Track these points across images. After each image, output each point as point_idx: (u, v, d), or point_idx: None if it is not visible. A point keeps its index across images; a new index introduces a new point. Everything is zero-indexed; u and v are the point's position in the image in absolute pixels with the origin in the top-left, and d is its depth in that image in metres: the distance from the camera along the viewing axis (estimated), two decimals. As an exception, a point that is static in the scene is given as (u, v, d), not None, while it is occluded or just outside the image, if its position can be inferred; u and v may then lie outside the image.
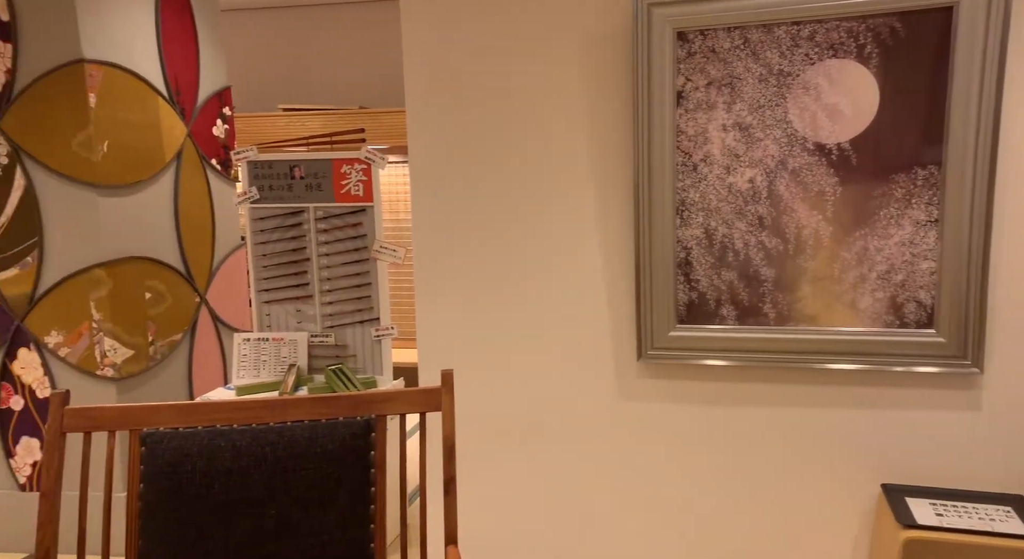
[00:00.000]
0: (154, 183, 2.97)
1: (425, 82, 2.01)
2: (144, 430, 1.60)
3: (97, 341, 2.73)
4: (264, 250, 2.95)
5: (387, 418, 1.67)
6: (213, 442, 1.58)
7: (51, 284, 2.73)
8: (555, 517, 2.07)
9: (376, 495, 1.60)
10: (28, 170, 2.70)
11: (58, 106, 2.66)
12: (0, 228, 2.74)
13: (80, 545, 1.45)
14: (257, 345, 2.94)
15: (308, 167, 2.90)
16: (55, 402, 1.58)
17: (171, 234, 3.07)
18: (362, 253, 2.90)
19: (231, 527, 1.52)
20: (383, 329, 2.92)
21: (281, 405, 1.66)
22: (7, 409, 2.80)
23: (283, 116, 4.54)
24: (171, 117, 3.06)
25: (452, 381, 1.68)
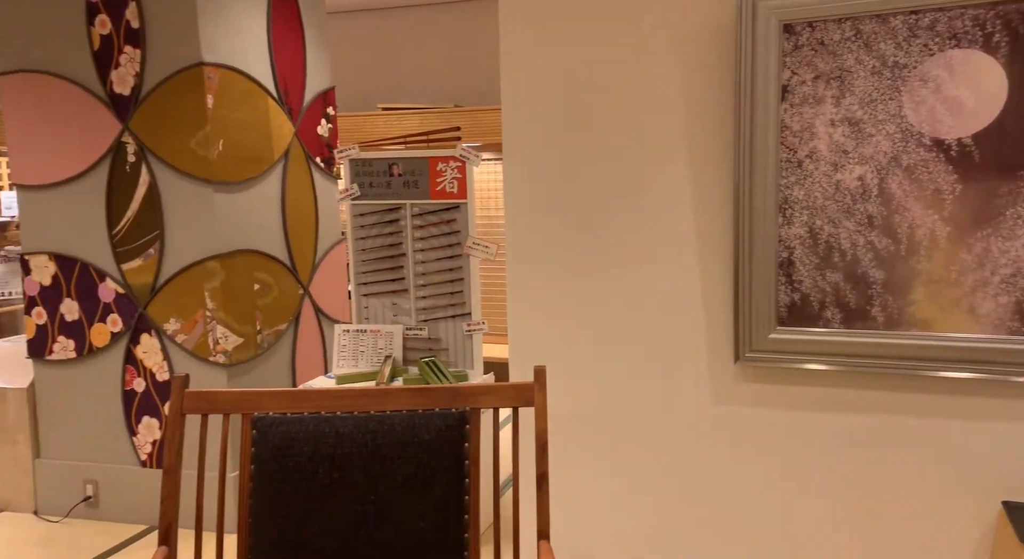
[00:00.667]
0: (263, 180, 3.13)
1: (521, 79, 2.03)
2: (255, 414, 1.70)
3: (210, 329, 2.91)
4: (363, 245, 3.06)
5: (481, 411, 1.70)
6: (318, 428, 1.65)
7: (170, 274, 2.93)
8: (644, 518, 2.06)
9: (470, 486, 1.63)
10: (152, 167, 2.91)
11: (179, 107, 2.84)
12: (127, 222, 2.96)
13: (198, 521, 1.55)
14: (356, 336, 3.05)
15: (406, 165, 2.98)
16: (176, 385, 1.69)
17: (278, 228, 3.23)
18: (455, 249, 2.96)
19: (333, 510, 1.59)
20: (474, 324, 2.97)
21: (381, 394, 1.72)
22: (131, 390, 3.03)
23: (382, 115, 4.68)
24: (280, 117, 3.22)
25: (545, 378, 1.69)
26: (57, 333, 3.06)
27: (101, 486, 3.08)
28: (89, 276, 3.01)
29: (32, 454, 3.13)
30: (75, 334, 3.04)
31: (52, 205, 3.03)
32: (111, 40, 2.88)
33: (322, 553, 1.55)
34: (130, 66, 2.87)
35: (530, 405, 1.68)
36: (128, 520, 3.08)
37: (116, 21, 2.86)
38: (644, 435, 2.03)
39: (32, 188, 3.05)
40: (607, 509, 2.09)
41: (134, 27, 2.85)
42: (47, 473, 3.12)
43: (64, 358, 3.07)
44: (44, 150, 3.00)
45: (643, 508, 2.05)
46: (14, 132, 3.03)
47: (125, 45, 2.86)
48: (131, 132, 2.90)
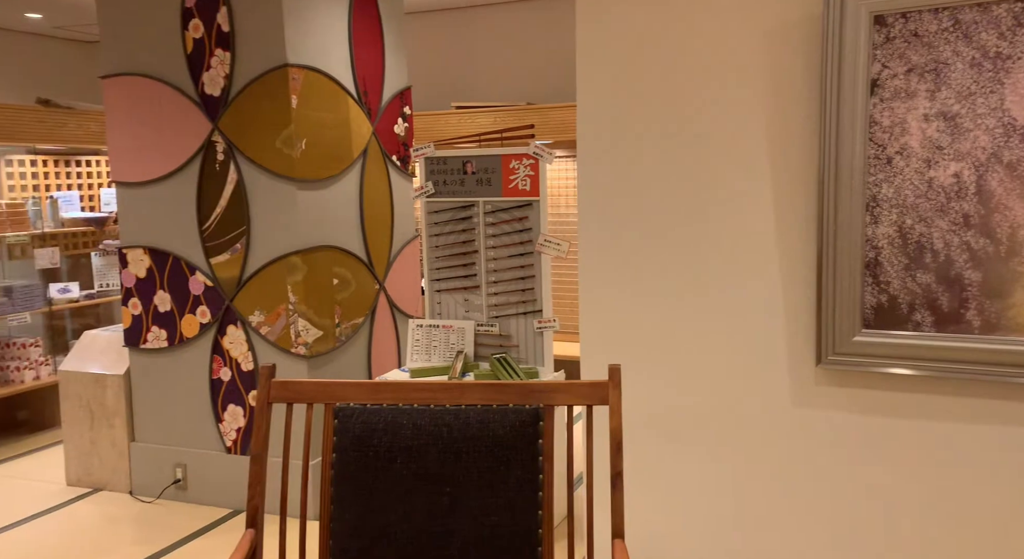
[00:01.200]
0: (343, 178, 3.23)
1: (597, 75, 2.02)
2: (337, 404, 1.75)
3: (292, 322, 3.02)
4: (437, 242, 3.11)
5: (554, 408, 1.71)
6: (396, 419, 1.69)
7: (255, 269, 3.06)
8: (718, 520, 2.02)
9: (544, 483, 1.64)
10: (240, 165, 3.03)
11: (265, 107, 2.96)
12: (216, 217, 3.10)
13: (283, 506, 1.62)
14: (429, 331, 3.10)
15: (479, 162, 3.01)
16: (264, 375, 1.76)
17: (356, 225, 3.32)
18: (527, 246, 2.98)
19: (411, 500, 1.62)
20: (545, 321, 2.98)
21: (456, 389, 1.75)
22: (217, 379, 3.17)
23: (455, 114, 4.74)
24: (359, 116, 3.31)
25: (619, 376, 1.69)
26: (151, 323, 3.24)
27: (189, 470, 3.24)
28: (181, 269, 3.16)
29: (128, 437, 3.32)
30: (167, 324, 3.21)
31: (148, 201, 3.20)
32: (203, 43, 3.02)
33: (400, 542, 1.59)
34: (220, 68, 3.00)
35: (604, 404, 1.68)
36: (214, 503, 3.23)
37: (208, 25, 3.00)
38: (720, 436, 2.00)
39: (130, 185, 3.23)
40: (681, 509, 2.06)
41: (224, 31, 2.98)
42: (141, 456, 3.31)
43: (157, 347, 3.24)
44: (141, 149, 3.18)
45: (717, 510, 2.02)
46: (114, 132, 3.22)
47: (216, 48, 3.00)
48: (220, 132, 3.03)
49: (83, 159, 4.91)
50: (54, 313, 4.51)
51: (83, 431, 3.38)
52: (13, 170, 4.50)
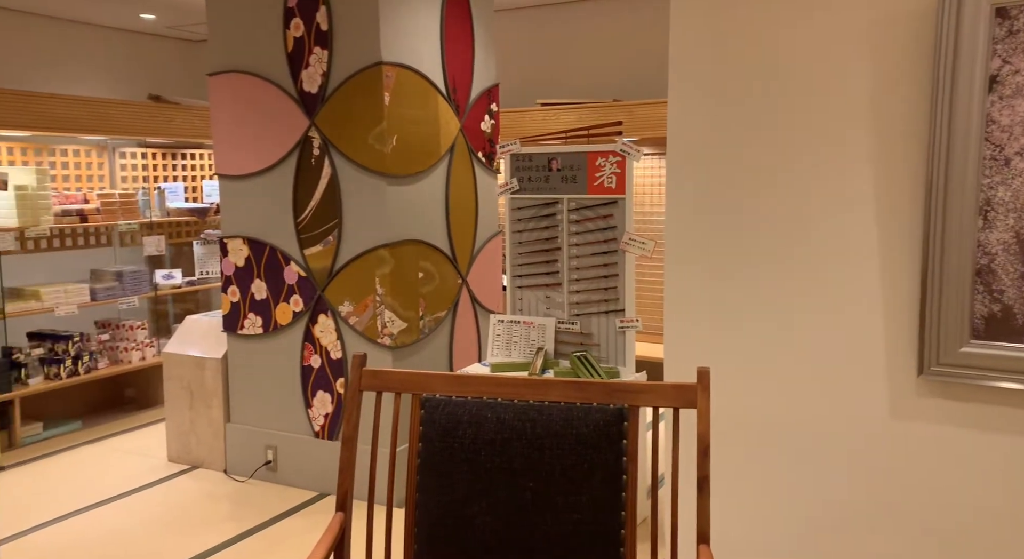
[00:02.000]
0: (430, 174, 3.29)
1: (691, 71, 1.98)
2: (424, 395, 1.79)
3: (379, 313, 3.11)
4: (520, 238, 3.13)
5: (639, 409, 1.69)
6: (480, 413, 1.72)
7: (346, 260, 3.16)
8: (804, 532, 1.96)
9: (628, 483, 1.63)
10: (334, 161, 3.14)
11: (359, 104, 3.05)
12: (310, 210, 3.22)
13: (370, 492, 1.67)
14: (509, 327, 3.13)
15: (565, 159, 3.01)
16: (355, 364, 1.82)
17: (441, 220, 3.38)
18: (611, 244, 2.95)
19: (494, 493, 1.65)
20: (627, 321, 2.95)
21: (540, 385, 1.76)
22: (308, 366, 3.30)
23: (540, 111, 4.75)
24: (448, 113, 3.36)
25: (708, 379, 1.66)
26: (248, 310, 3.40)
27: (280, 452, 3.38)
28: (276, 259, 3.31)
29: (224, 418, 3.50)
30: (263, 312, 3.36)
31: (248, 194, 3.36)
32: (303, 42, 3.14)
33: (484, 533, 1.62)
34: (318, 66, 3.11)
35: (691, 407, 1.65)
36: (302, 485, 3.36)
37: (308, 24, 3.11)
38: (809, 445, 1.93)
39: (231, 178, 3.39)
40: (763, 519, 2.01)
41: (323, 29, 3.08)
42: (235, 436, 3.48)
43: (253, 333, 3.40)
44: (243, 144, 3.33)
45: (803, 522, 1.95)
46: (218, 127, 3.39)
47: (315, 46, 3.11)
48: (317, 128, 3.15)
49: (188, 152, 5.19)
50: (158, 298, 4.80)
51: (183, 411, 3.58)
52: (126, 162, 4.81)
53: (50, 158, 4.38)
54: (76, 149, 4.51)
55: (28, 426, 3.92)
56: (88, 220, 4.18)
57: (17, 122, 3.79)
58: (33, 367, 3.90)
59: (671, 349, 2.13)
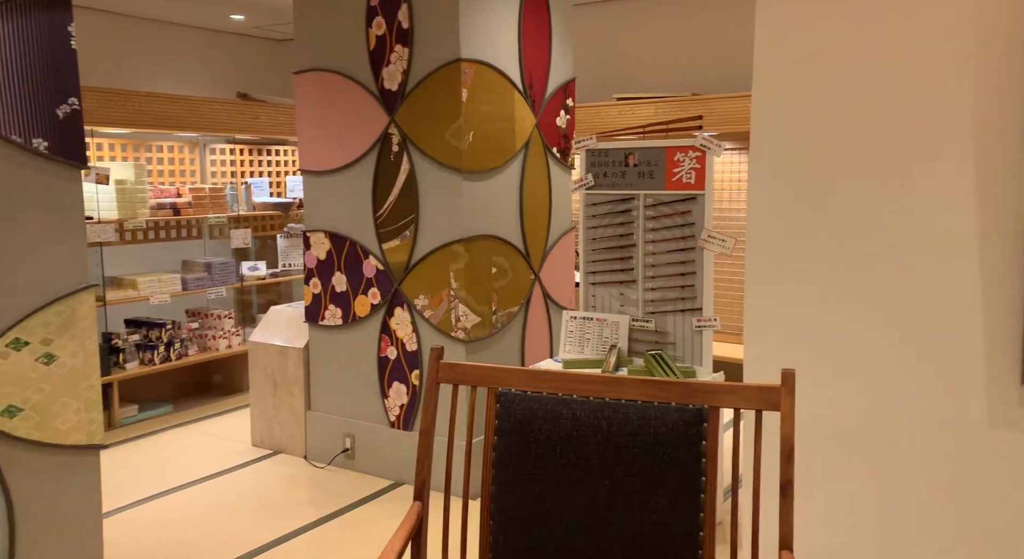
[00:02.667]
0: (505, 169, 3.31)
1: (778, 65, 1.92)
2: (499, 389, 1.80)
3: (453, 307, 3.15)
4: (594, 234, 3.11)
5: (720, 410, 1.66)
6: (556, 409, 1.72)
7: (422, 255, 3.21)
8: (890, 545, 1.87)
9: (706, 485, 1.60)
10: (412, 157, 3.20)
11: (437, 101, 3.09)
12: (389, 206, 3.29)
13: (447, 483, 1.70)
14: (582, 323, 3.12)
15: (642, 155, 2.97)
16: (432, 356, 1.85)
17: (515, 216, 3.39)
18: (688, 242, 2.90)
19: (570, 489, 1.64)
20: (705, 320, 2.90)
21: (617, 383, 1.74)
22: (384, 357, 3.38)
23: (616, 105, 4.71)
24: (523, 109, 3.37)
25: (793, 382, 1.61)
26: (328, 302, 3.50)
27: (357, 440, 3.48)
28: (356, 253, 3.39)
29: (305, 406, 3.62)
30: (342, 304, 3.46)
31: (330, 189, 3.46)
32: (385, 40, 3.20)
33: (559, 529, 1.62)
34: (399, 63, 3.17)
35: (775, 409, 1.61)
36: (377, 473, 3.44)
37: (390, 22, 3.17)
38: (900, 452, 1.85)
39: (315, 174, 3.50)
40: (850, 526, 1.93)
41: (404, 27, 3.14)
42: (315, 424, 3.60)
43: (333, 324, 3.50)
44: (326, 140, 3.43)
45: (890, 533, 1.87)
46: (303, 124, 3.50)
47: (396, 44, 3.17)
48: (396, 124, 3.21)
49: (272, 148, 5.39)
50: (244, 288, 5.01)
51: (267, 397, 3.73)
52: (215, 157, 5.03)
53: (147, 154, 4.62)
54: (170, 145, 4.75)
55: (125, 408, 4.16)
56: (180, 213, 4.39)
57: (120, 120, 4.02)
58: (130, 352, 4.14)
59: (751, 350, 2.07)
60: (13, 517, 1.86)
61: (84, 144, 1.94)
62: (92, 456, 2.00)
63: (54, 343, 1.90)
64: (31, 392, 1.88)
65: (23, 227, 1.85)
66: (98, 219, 4.01)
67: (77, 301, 1.94)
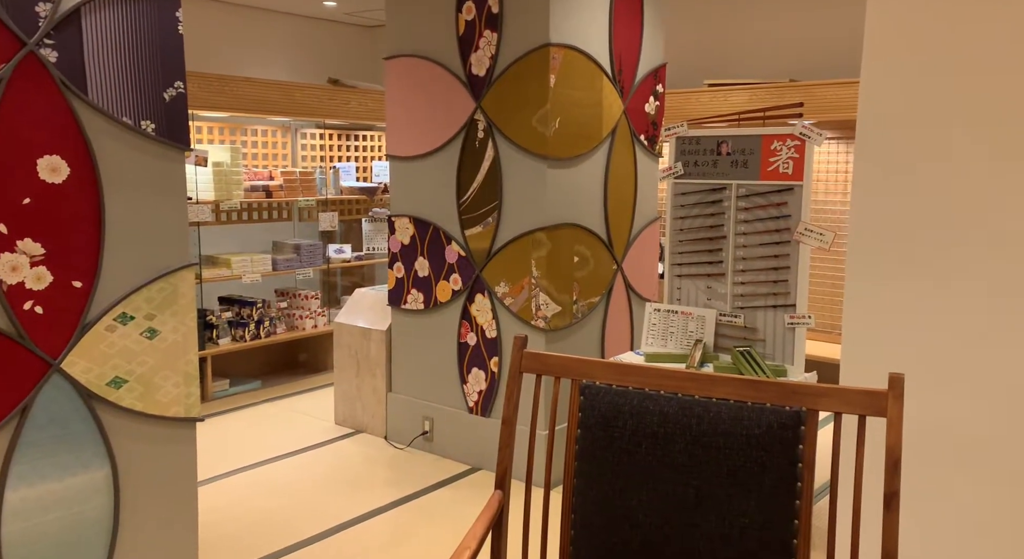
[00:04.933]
0: (591, 157, 3.25)
1: (890, 49, 1.79)
2: (583, 381, 1.77)
3: (534, 295, 3.12)
4: (682, 225, 3.01)
5: (818, 414, 1.57)
6: (642, 404, 1.67)
7: (504, 242, 3.20)
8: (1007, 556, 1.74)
9: (802, 491, 1.52)
10: (497, 143, 3.18)
11: (525, 87, 3.06)
12: (472, 192, 3.29)
13: (528, 473, 1.68)
14: (666, 316, 3.04)
15: (736, 143, 2.85)
16: (516, 345, 1.83)
17: (599, 204, 3.33)
18: (783, 235, 2.77)
19: (654, 487, 1.60)
20: (798, 317, 2.77)
21: (708, 380, 1.68)
22: (464, 343, 3.39)
23: (707, 92, 4.55)
24: (612, 95, 3.29)
25: (902, 387, 1.51)
26: (411, 286, 3.55)
27: (436, 424, 3.52)
28: (439, 239, 3.41)
29: (386, 387, 3.69)
30: (424, 289, 3.49)
31: (415, 174, 3.48)
32: (474, 25, 3.19)
33: (644, 527, 1.57)
34: (487, 49, 3.15)
35: (881, 415, 1.51)
36: (455, 457, 3.48)
37: (480, 7, 3.15)
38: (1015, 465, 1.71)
39: (401, 159, 3.54)
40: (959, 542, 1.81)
41: (494, 12, 3.11)
42: (396, 405, 3.66)
43: (415, 309, 3.54)
44: (413, 126, 3.46)
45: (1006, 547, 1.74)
46: (392, 109, 3.53)
47: (485, 29, 3.15)
48: (482, 110, 3.20)
49: (359, 133, 5.49)
50: (329, 270, 5.14)
51: (350, 377, 3.82)
52: (306, 142, 5.17)
53: (242, 137, 4.80)
54: (264, 129, 4.91)
55: (217, 382, 4.35)
56: (272, 195, 4.54)
57: (218, 104, 4.17)
58: (223, 329, 4.32)
59: (849, 350, 1.96)
60: (117, 482, 1.96)
61: (188, 127, 2.01)
62: (189, 428, 2.09)
63: (157, 318, 1.99)
64: (135, 365, 1.97)
65: (132, 206, 1.93)
66: (196, 200, 4.19)
67: (179, 278, 2.01)
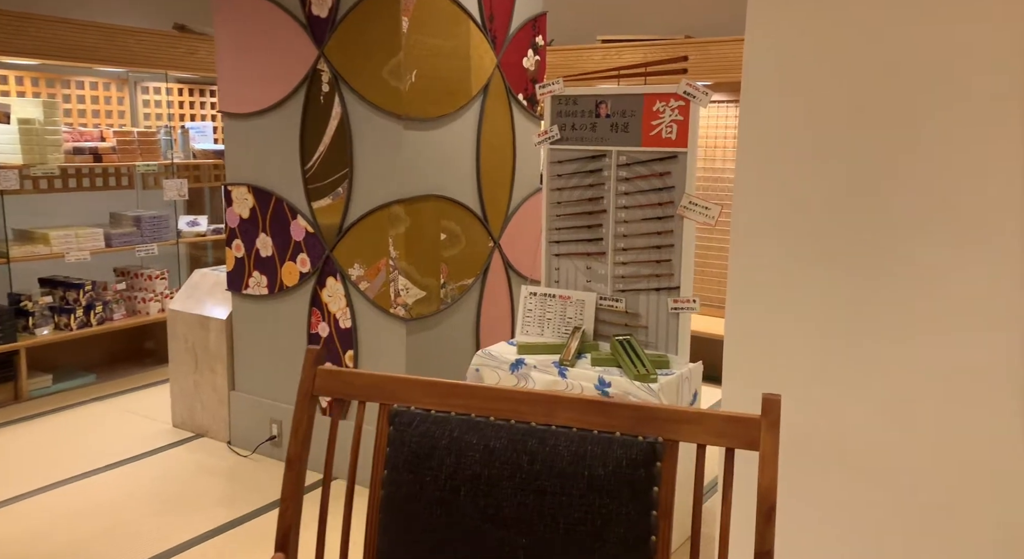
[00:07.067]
0: (458, 117, 2.82)
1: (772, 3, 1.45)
2: (395, 406, 1.38)
3: (392, 278, 2.70)
4: (559, 197, 2.64)
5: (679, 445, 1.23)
6: (464, 437, 1.30)
7: (357, 217, 2.74)
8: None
9: (657, 547, 1.19)
10: (345, 98, 2.70)
11: (373, 31, 2.58)
12: (318, 157, 2.80)
13: (320, 530, 1.28)
14: (543, 301, 2.68)
15: (615, 103, 2.49)
16: (308, 360, 1.41)
17: (470, 173, 2.92)
18: (667, 209, 2.44)
19: (476, 546, 1.23)
20: (683, 301, 2.46)
21: (547, 403, 1.32)
22: (315, 334, 2.94)
23: (600, 48, 4.18)
24: (482, 46, 2.86)
25: (778, 411, 1.18)
26: (253, 268, 3.05)
27: (285, 427, 3.07)
28: (283, 212, 2.92)
29: (228, 385, 3.19)
30: (268, 271, 3.00)
31: (253, 135, 2.96)
32: (311, -42, 2.67)
33: (446, 616, 1.21)
34: (326, -14, 2.65)
35: (752, 448, 1.19)
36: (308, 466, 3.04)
37: (315, -64, 2.64)
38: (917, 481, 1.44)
39: (236, 116, 3.00)
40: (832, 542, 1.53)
41: (333, -58, 2.61)
42: (240, 406, 3.18)
43: (258, 294, 3.05)
44: (248, 77, 2.92)
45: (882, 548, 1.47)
46: (223, 56, 2.98)
47: (322, -37, 2.64)
48: (326, 59, 2.70)
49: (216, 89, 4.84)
50: (183, 245, 4.53)
51: (188, 373, 3.30)
52: (149, 97, 4.49)
53: (64, 90, 4.08)
54: (93, 81, 4.20)
55: (37, 378, 3.73)
56: (103, 159, 3.89)
57: (17, 47, 3.47)
58: (42, 316, 3.69)
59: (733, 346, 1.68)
60: None
61: None
62: None
63: None
64: None
65: None
66: None
67: None
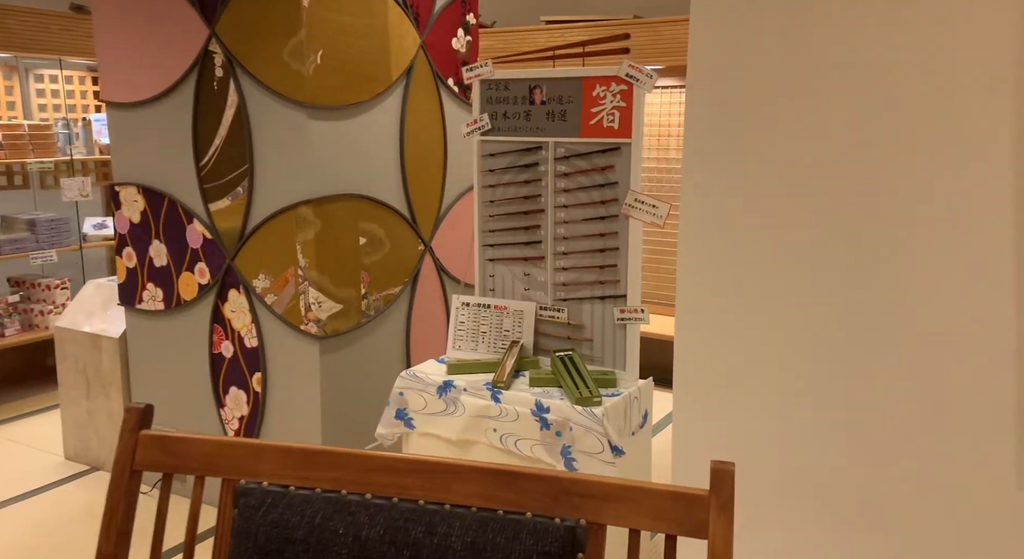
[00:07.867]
0: (376, 105, 2.48)
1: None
2: (241, 482, 1.06)
3: (302, 291, 2.36)
4: (491, 195, 2.33)
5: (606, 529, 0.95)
6: (329, 524, 0.99)
7: (260, 220, 2.40)
8: None
9: None
10: (241, 84, 2.34)
11: (271, 6, 2.23)
12: (214, 152, 2.45)
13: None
14: (477, 312, 2.37)
15: (551, 88, 2.19)
16: (128, 421, 1.09)
17: (394, 168, 2.59)
18: (611, 207, 2.16)
19: None
20: (630, 311, 2.18)
21: (442, 473, 1.03)
22: (219, 355, 2.58)
23: (544, 30, 3.87)
24: (402, 24, 2.52)
25: (732, 483, 0.90)
26: (146, 279, 2.68)
27: (182, 460, 2.71)
28: (177, 215, 2.56)
29: (124, 412, 2.82)
30: (163, 282, 2.64)
31: (140, 128, 2.59)
32: (195, -80, 2.30)
33: None
34: (211, -48, 2.28)
35: (700, 536, 0.91)
36: (215, 503, 2.69)
37: None
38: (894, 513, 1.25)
39: (121, 106, 2.62)
40: None
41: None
42: (139, 432, 2.81)
43: (153, 309, 2.68)
44: (132, 61, 2.55)
45: None
46: (103, 38, 2.60)
47: (207, -75, 2.28)
48: (218, 39, 2.34)
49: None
50: (89, 251, 4.11)
51: (80, 399, 2.92)
52: (43, 86, 4.04)
53: (-60, 80, 3.63)
54: (-24, 70, 3.76)
55: (-88, 405, 3.31)
56: (-15, 157, 3.46)
57: None
58: (-84, 335, 3.27)
59: (683, 362, 1.68)
60: None
61: None
62: None
63: None
64: None
65: None
66: None
67: None
